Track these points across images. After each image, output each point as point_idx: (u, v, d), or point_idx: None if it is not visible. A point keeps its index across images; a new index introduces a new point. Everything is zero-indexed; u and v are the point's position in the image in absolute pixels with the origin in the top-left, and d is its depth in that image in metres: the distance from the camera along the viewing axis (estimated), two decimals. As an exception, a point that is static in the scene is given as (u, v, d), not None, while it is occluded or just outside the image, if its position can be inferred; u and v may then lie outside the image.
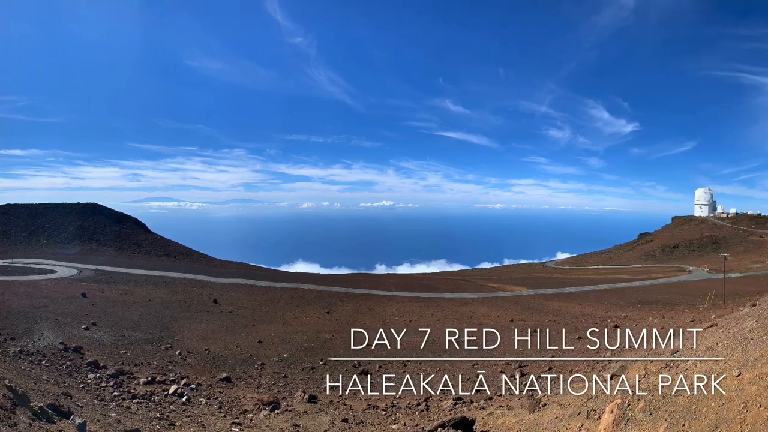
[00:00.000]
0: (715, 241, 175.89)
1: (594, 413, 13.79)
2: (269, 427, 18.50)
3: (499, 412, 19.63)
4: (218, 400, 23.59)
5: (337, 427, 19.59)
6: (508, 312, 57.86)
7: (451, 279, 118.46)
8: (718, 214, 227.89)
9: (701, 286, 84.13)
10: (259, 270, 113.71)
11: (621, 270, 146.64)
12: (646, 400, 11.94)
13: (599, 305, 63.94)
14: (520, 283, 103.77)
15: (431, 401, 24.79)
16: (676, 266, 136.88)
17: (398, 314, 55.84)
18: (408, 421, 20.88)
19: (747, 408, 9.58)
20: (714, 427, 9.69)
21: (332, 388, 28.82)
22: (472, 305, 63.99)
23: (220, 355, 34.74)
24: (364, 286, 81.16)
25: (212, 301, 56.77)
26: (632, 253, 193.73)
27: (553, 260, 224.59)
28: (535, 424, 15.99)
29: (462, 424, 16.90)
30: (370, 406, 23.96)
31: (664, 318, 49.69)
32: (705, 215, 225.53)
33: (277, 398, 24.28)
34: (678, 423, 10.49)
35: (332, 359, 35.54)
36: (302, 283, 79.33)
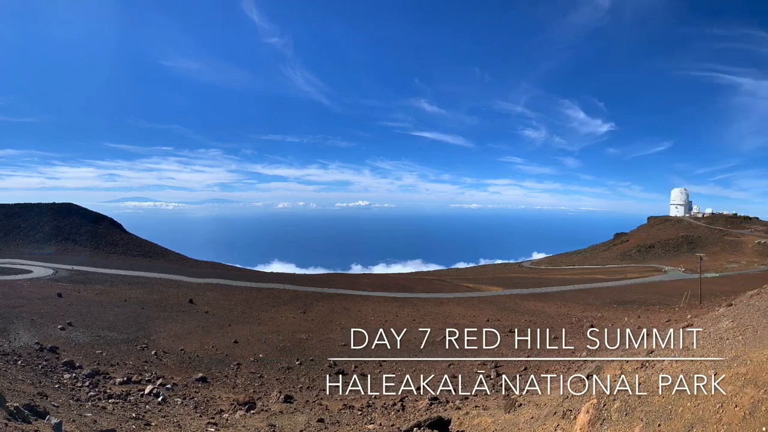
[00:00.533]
0: (691, 241, 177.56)
1: (570, 413, 13.87)
2: (245, 427, 18.47)
3: (474, 412, 19.69)
4: (194, 400, 23.47)
5: (313, 427, 19.59)
6: (484, 312, 57.99)
7: (427, 279, 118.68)
8: (694, 214, 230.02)
9: (677, 286, 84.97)
10: (235, 270, 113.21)
11: (597, 270, 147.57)
12: (622, 400, 12.01)
13: (575, 305, 64.35)
14: (496, 283, 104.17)
15: (407, 401, 24.80)
16: (651, 266, 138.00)
17: (374, 314, 55.79)
18: (384, 421, 20.84)
19: (723, 408, 9.67)
20: (690, 427, 9.78)
21: (308, 387, 28.96)
22: (448, 305, 64.08)
23: (195, 355, 34.61)
24: (340, 286, 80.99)
25: (188, 301, 56.40)
26: (608, 253, 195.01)
27: (529, 260, 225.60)
28: (510, 424, 16.05)
29: (438, 424, 16.94)
30: (346, 406, 24.01)
31: (639, 318, 50.09)
32: (681, 215, 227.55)
33: (253, 398, 24.25)
34: (654, 423, 10.57)
35: (308, 359, 35.71)
36: (278, 283, 79.02)
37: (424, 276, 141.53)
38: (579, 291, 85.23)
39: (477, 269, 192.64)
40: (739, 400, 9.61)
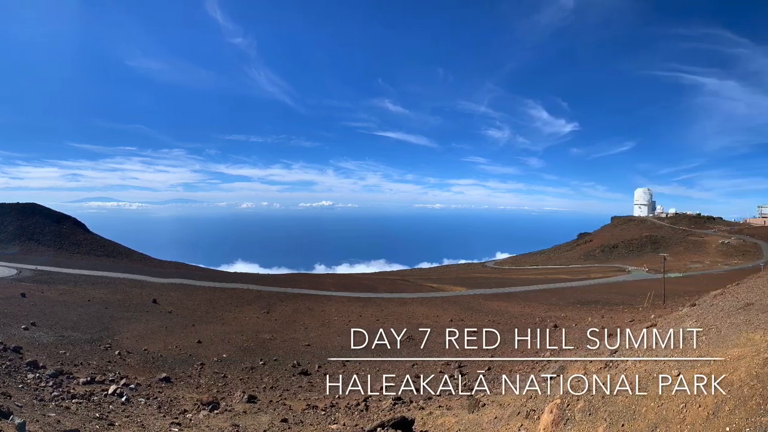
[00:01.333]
0: (655, 241, 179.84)
1: (533, 413, 13.95)
2: (209, 427, 18.40)
3: (438, 411, 19.81)
4: (157, 400, 23.33)
5: (277, 427, 19.61)
6: (448, 312, 58.24)
7: (391, 279, 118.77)
8: (658, 214, 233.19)
9: (641, 286, 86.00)
10: (199, 270, 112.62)
11: (560, 270, 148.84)
12: (586, 400, 12.10)
13: (539, 305, 64.83)
14: (460, 283, 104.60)
15: (371, 401, 24.97)
16: (615, 266, 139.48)
17: (337, 314, 55.85)
18: (347, 421, 20.98)
19: (686, 408, 9.78)
20: (653, 427, 9.87)
21: (272, 387, 28.93)
22: (412, 305, 64.28)
23: (159, 355, 34.41)
24: (304, 286, 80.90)
25: (151, 301, 55.99)
26: (571, 253, 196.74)
27: (493, 260, 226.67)
28: (474, 424, 16.12)
29: (401, 424, 16.98)
30: (309, 406, 24.20)
31: (603, 318, 50.64)
32: (644, 215, 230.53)
33: (217, 398, 24.21)
34: (617, 423, 10.66)
35: (272, 359, 35.72)
36: (241, 283, 78.78)
37: (387, 276, 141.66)
38: (542, 291, 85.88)
39: (440, 269, 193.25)
40: (702, 400, 9.72)
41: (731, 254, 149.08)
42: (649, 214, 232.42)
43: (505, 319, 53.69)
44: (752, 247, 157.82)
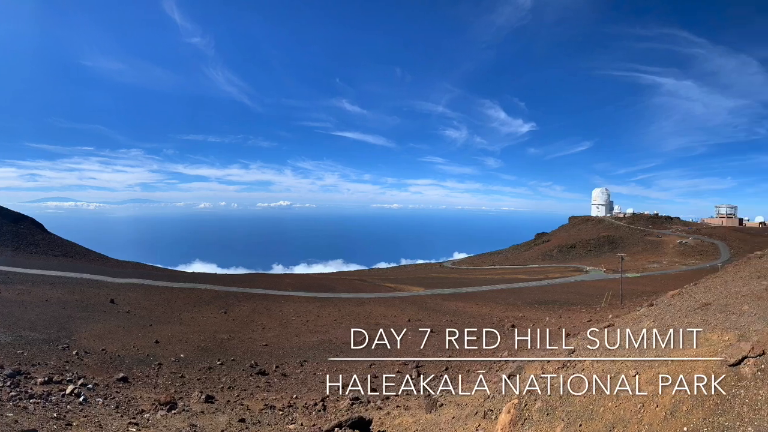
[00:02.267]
0: (612, 241, 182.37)
1: (491, 413, 14.00)
2: (166, 427, 18.18)
3: (396, 412, 19.82)
4: (115, 400, 23.00)
5: (234, 427, 19.45)
6: (405, 312, 58.35)
7: (348, 279, 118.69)
8: (615, 213, 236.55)
9: (598, 286, 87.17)
10: (156, 270, 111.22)
11: (518, 270, 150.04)
12: (543, 400, 12.17)
13: (496, 305, 65.26)
14: (417, 283, 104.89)
15: (328, 401, 25.22)
16: (573, 266, 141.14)
17: (295, 314, 55.67)
18: (305, 421, 20.97)
19: (644, 408, 9.87)
20: (611, 427, 9.95)
21: (229, 387, 28.87)
22: (369, 305, 64.26)
23: (117, 355, 33.94)
24: (262, 286, 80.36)
25: (109, 301, 55.18)
26: (529, 253, 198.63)
27: (450, 260, 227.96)
28: (432, 424, 16.16)
29: (359, 424, 16.98)
30: (267, 406, 24.15)
31: (561, 318, 51.16)
32: (602, 215, 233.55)
33: (174, 398, 23.86)
34: (575, 423, 10.73)
35: (230, 359, 35.57)
36: (199, 283, 78.00)
37: (345, 276, 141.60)
38: (500, 291, 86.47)
39: (398, 269, 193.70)
40: (660, 400, 9.81)
41: (689, 254, 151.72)
42: (606, 214, 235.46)
43: (463, 319, 53.96)
44: (709, 247, 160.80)
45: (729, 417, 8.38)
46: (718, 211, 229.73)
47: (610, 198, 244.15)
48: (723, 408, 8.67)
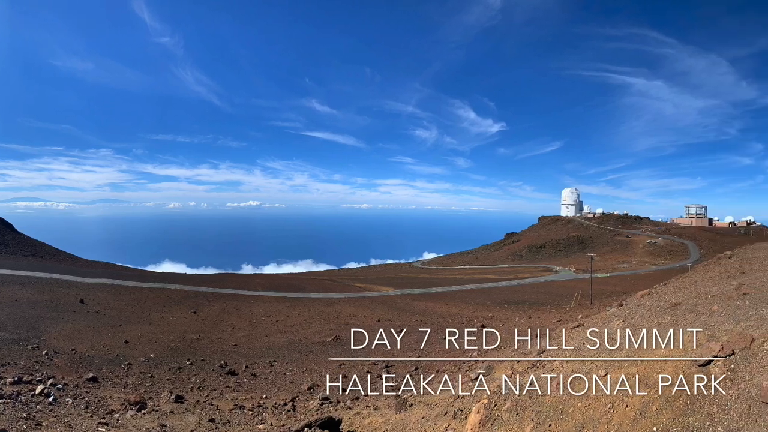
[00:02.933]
0: (582, 241, 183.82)
1: (461, 413, 14.01)
2: (136, 427, 18.03)
3: (365, 412, 19.80)
4: (85, 400, 22.73)
5: (204, 427, 19.34)
6: (375, 312, 58.39)
7: (318, 279, 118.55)
8: (585, 213, 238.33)
9: (568, 286, 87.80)
10: (126, 270, 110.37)
11: (488, 270, 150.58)
12: (513, 400, 12.18)
13: (466, 305, 65.47)
14: (387, 283, 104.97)
15: (298, 401, 25.22)
16: (542, 266, 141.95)
17: (265, 314, 55.54)
18: (275, 421, 20.87)
19: (614, 408, 9.91)
20: (581, 427, 9.98)
21: (199, 387, 28.75)
22: (339, 305, 64.24)
23: (86, 355, 33.65)
24: (231, 286, 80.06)
25: (79, 301, 54.65)
26: (499, 253, 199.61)
27: (420, 260, 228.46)
28: (401, 424, 16.13)
29: (328, 424, 16.96)
30: (236, 406, 24.07)
31: (530, 318, 51.42)
32: (572, 215, 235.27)
33: (144, 398, 23.72)
34: (545, 423, 10.75)
35: (199, 359, 35.48)
36: (169, 283, 77.56)
37: (314, 276, 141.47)
38: (470, 291, 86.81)
39: (368, 269, 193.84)
40: (629, 400, 9.86)
41: (658, 254, 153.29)
42: (576, 214, 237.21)
43: (432, 319, 54.11)
44: (679, 247, 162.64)
45: (698, 417, 8.43)
46: (688, 211, 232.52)
47: (579, 198, 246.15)
48: (692, 408, 8.71)
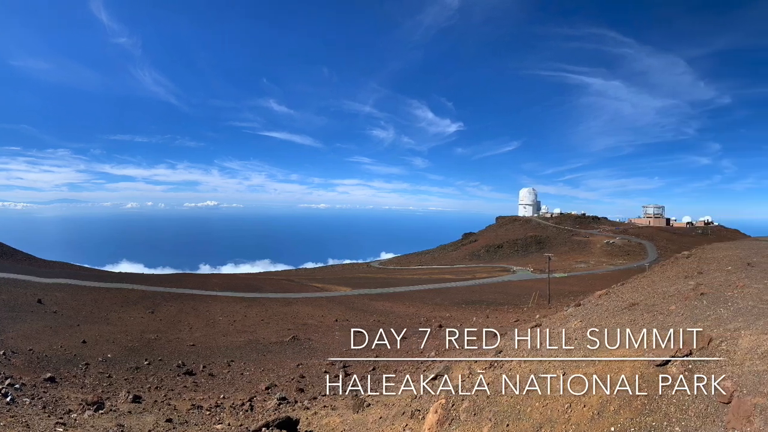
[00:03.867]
0: (540, 241, 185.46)
1: (418, 413, 14.00)
2: (93, 427, 17.88)
3: (323, 412, 19.83)
4: (42, 400, 22.61)
5: (162, 427, 19.33)
6: (333, 312, 58.37)
7: (275, 279, 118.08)
8: (543, 213, 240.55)
9: (525, 286, 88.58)
10: (84, 270, 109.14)
11: (445, 270, 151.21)
12: (471, 400, 12.18)
13: (423, 305, 65.69)
14: (345, 283, 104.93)
15: (255, 401, 25.25)
16: (500, 266, 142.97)
17: (222, 314, 55.36)
18: (232, 421, 21.01)
19: (571, 408, 9.93)
20: (538, 427, 9.99)
21: (156, 387, 28.71)
22: (296, 305, 64.11)
23: (44, 355, 33.22)
24: (189, 286, 79.48)
25: (36, 301, 53.85)
26: (456, 253, 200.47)
27: (378, 260, 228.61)
28: (359, 424, 16.12)
29: (286, 424, 17.04)
30: (194, 406, 24.06)
31: (488, 318, 51.73)
32: (529, 215, 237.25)
33: (102, 398, 23.64)
34: (502, 423, 10.74)
35: (157, 359, 35.30)
36: (126, 283, 76.66)
37: (272, 276, 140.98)
38: (427, 291, 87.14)
39: (325, 269, 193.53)
40: (587, 400, 9.89)
41: (616, 254, 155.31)
42: (534, 214, 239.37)
43: (390, 318, 54.21)
44: (637, 247, 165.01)
45: (656, 417, 8.48)
46: (646, 211, 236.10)
47: (537, 198, 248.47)
48: (650, 408, 8.76)
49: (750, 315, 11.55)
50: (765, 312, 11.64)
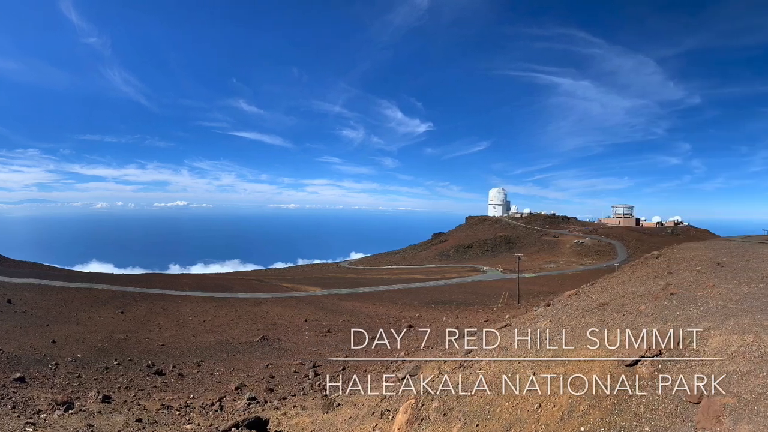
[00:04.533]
0: (509, 241, 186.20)
1: (388, 413, 13.97)
2: (63, 427, 17.71)
3: (293, 412, 19.84)
4: (12, 399, 22.69)
5: (131, 427, 19.22)
6: (303, 312, 58.35)
7: (245, 279, 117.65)
8: (512, 213, 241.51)
9: (495, 286, 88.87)
10: (53, 270, 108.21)
11: (415, 270, 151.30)
12: (440, 400, 12.17)
13: (393, 305, 65.73)
14: (314, 283, 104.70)
15: (225, 401, 25.32)
16: (469, 266, 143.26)
17: (192, 314, 55.21)
18: (202, 421, 20.97)
19: (541, 408, 9.94)
20: (508, 427, 9.99)
21: (126, 387, 28.65)
22: (266, 305, 64.02)
23: (14, 356, 33.10)
24: (158, 286, 79.06)
25: (6, 301, 53.40)
26: (426, 253, 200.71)
27: (347, 260, 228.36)
28: (329, 424, 16.09)
29: (256, 424, 17.02)
30: (164, 406, 24.01)
31: (458, 318, 51.86)
32: (499, 215, 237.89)
33: (71, 398, 23.47)
34: (472, 423, 10.74)
35: (127, 359, 35.14)
36: (96, 283, 76.21)
37: (242, 276, 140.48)
38: (397, 291, 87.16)
39: (295, 269, 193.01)
40: (557, 400, 9.91)
41: (586, 254, 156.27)
42: (503, 214, 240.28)
43: (360, 319, 54.25)
44: (606, 247, 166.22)
45: (626, 417, 8.51)
46: (615, 211, 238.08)
47: (507, 198, 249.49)
48: (620, 408, 8.79)
49: (720, 315, 11.64)
50: (734, 312, 11.74)
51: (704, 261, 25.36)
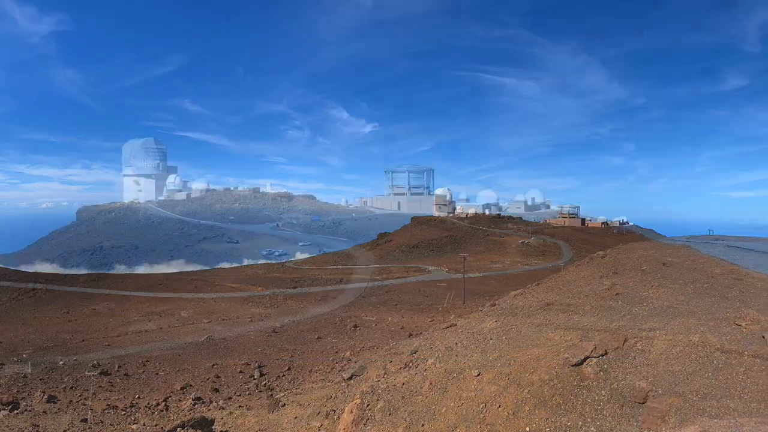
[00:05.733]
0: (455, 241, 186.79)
1: (333, 413, 13.92)
2: (8, 427, 17.51)
3: (238, 412, 19.76)
4: None
5: (77, 427, 19.04)
6: (248, 311, 58.06)
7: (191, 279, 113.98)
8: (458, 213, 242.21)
9: (441, 287, 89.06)
10: None
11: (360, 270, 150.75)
12: (386, 400, 12.16)
13: (339, 305, 65.52)
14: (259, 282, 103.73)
15: (171, 401, 25.03)
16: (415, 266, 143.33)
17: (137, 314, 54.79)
18: (147, 422, 20.81)
19: (486, 408, 9.96)
20: (453, 428, 9.99)
21: (72, 387, 28.26)
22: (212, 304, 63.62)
23: None
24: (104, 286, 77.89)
25: None
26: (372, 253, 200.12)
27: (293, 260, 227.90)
28: (274, 424, 15.98)
29: (201, 424, 16.89)
30: (109, 406, 23.61)
31: (403, 318, 51.92)
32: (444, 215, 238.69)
33: (17, 398, 23.20)
34: (417, 423, 10.72)
35: (72, 359, 34.65)
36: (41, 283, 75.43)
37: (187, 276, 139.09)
38: (342, 291, 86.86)
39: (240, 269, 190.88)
40: (503, 400, 9.93)
41: (531, 254, 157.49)
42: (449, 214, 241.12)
43: (305, 318, 54.02)
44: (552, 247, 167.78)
45: (572, 417, 8.56)
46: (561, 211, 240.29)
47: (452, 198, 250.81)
48: (565, 408, 8.84)
49: (665, 315, 11.81)
50: (680, 312, 11.92)
51: (650, 261, 25.78)
